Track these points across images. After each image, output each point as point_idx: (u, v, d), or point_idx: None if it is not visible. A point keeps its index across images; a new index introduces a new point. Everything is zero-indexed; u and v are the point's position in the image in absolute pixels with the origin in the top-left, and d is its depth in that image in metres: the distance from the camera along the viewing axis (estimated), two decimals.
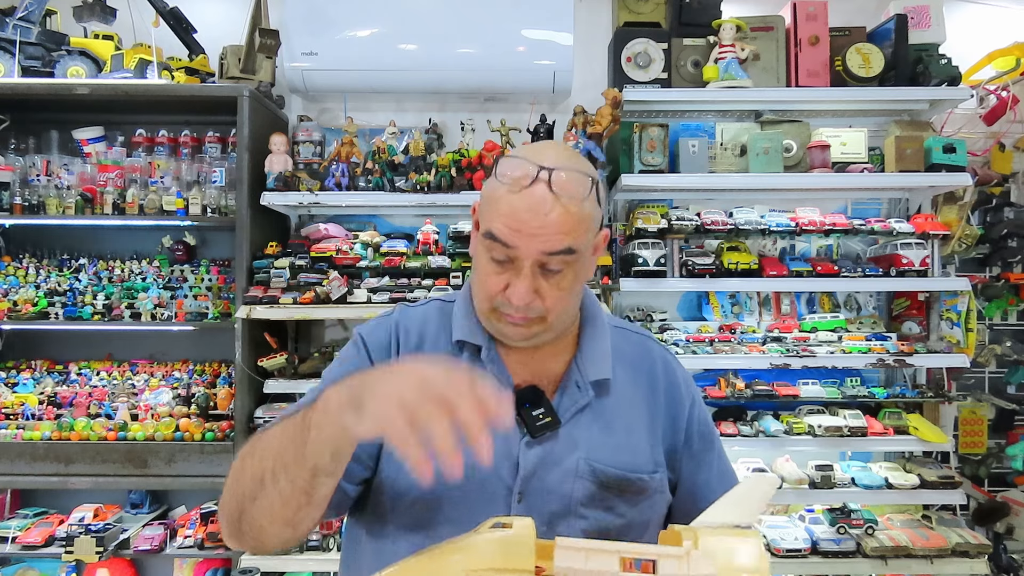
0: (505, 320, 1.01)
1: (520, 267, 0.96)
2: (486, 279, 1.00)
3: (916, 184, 2.77)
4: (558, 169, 0.95)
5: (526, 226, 0.94)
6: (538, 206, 0.94)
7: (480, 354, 1.08)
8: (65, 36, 2.78)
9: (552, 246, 0.95)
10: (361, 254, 2.70)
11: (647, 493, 1.05)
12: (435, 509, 1.01)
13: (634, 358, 1.14)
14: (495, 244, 0.97)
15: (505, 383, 1.06)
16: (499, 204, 0.97)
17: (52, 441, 2.52)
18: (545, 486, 1.01)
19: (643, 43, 2.81)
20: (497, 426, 0.73)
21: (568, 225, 0.95)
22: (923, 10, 2.83)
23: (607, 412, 1.08)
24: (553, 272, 0.98)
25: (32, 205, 2.67)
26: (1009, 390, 3.10)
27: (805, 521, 2.69)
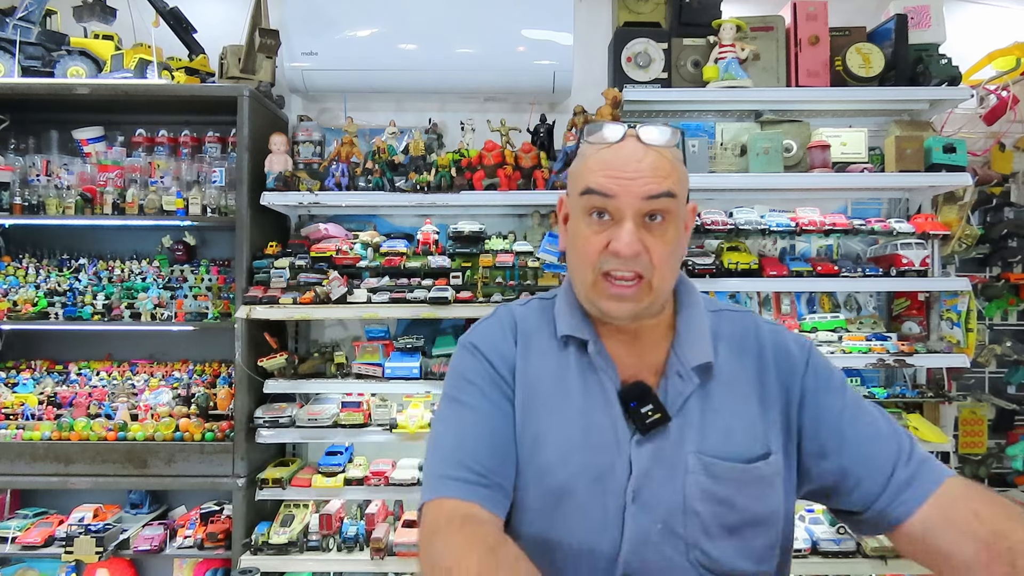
0: (610, 288, 0.99)
1: (622, 216, 0.97)
2: (586, 242, 1.00)
3: (916, 184, 2.77)
4: (643, 125, 0.99)
5: (623, 172, 0.96)
6: (632, 154, 0.97)
7: (587, 348, 1.07)
8: (65, 36, 2.78)
9: (651, 189, 0.96)
10: (361, 254, 2.70)
11: (764, 481, 1.02)
12: (554, 512, 1.01)
13: (738, 336, 1.10)
14: (594, 196, 0.98)
15: (613, 378, 1.05)
16: (591, 162, 0.99)
17: (52, 441, 2.52)
18: (658, 485, 1.00)
19: (643, 43, 2.81)
20: None
21: (664, 169, 0.98)
22: (923, 10, 2.83)
23: (714, 397, 1.05)
24: (656, 223, 0.98)
25: (32, 205, 2.67)
26: (1009, 390, 3.10)
27: (805, 521, 2.68)
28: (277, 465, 2.70)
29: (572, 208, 1.05)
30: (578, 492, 1.00)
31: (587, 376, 1.06)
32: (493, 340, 1.11)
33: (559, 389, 1.06)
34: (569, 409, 1.04)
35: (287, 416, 2.56)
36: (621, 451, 1.01)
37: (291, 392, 2.67)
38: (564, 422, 1.04)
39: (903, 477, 1.00)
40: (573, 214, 1.04)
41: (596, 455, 1.01)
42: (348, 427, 2.56)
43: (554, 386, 1.06)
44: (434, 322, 2.85)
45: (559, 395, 1.06)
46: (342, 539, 2.56)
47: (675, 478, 1.00)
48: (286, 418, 2.55)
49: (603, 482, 1.00)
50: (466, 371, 1.09)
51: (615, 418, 1.03)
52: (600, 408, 1.04)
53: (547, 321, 1.12)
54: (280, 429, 2.55)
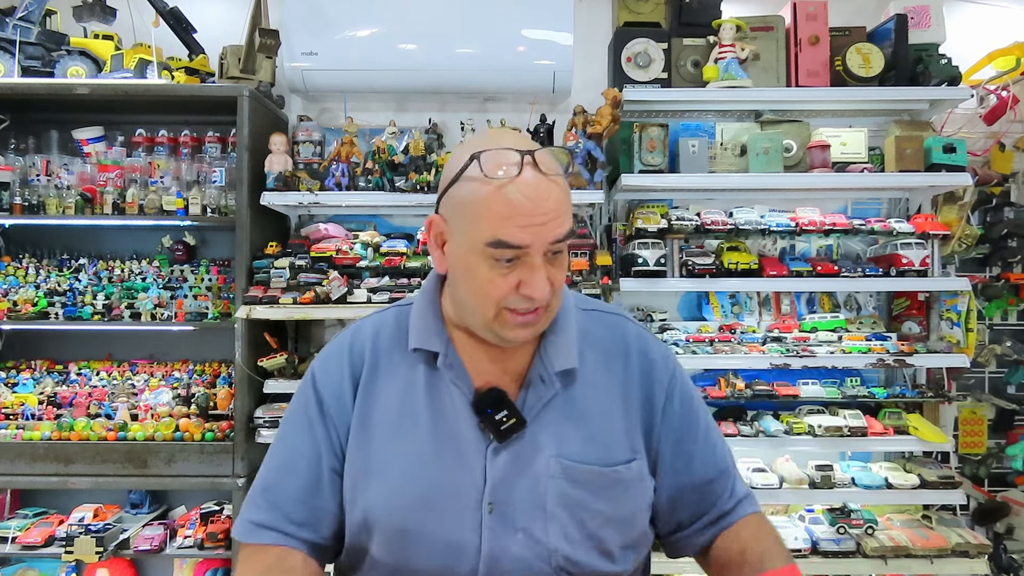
0: (512, 323, 0.96)
1: (532, 261, 0.92)
2: (492, 286, 0.94)
3: (916, 184, 2.77)
4: (536, 150, 0.93)
5: (532, 218, 0.90)
6: (537, 192, 0.90)
7: (436, 361, 1.04)
8: (65, 36, 2.78)
9: (560, 232, 0.93)
10: (361, 254, 2.70)
11: (623, 485, 1.02)
12: (404, 534, 0.99)
13: (606, 340, 1.10)
14: (505, 250, 0.91)
15: (465, 388, 1.03)
16: (493, 204, 0.90)
17: (52, 441, 2.52)
18: (517, 492, 0.98)
19: (643, 43, 2.81)
20: None
21: (565, 204, 0.94)
22: (923, 10, 2.83)
23: (576, 402, 1.04)
24: (556, 255, 0.95)
25: (32, 205, 2.67)
26: (1009, 390, 3.10)
27: (805, 521, 2.69)
28: None
29: (465, 244, 0.94)
30: (432, 512, 0.98)
31: (437, 390, 1.03)
32: (329, 371, 1.08)
33: (405, 410, 1.03)
34: (415, 429, 1.02)
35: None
36: (476, 463, 0.99)
37: (291, 392, 2.65)
38: (410, 443, 1.01)
39: (716, 514, 1.09)
40: (467, 251, 0.94)
41: (448, 471, 0.99)
42: None
43: (400, 407, 1.03)
44: None
45: (404, 417, 1.03)
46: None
47: (535, 484, 0.98)
48: None
49: (458, 497, 0.98)
50: (301, 398, 1.10)
51: (468, 428, 1.00)
52: (451, 420, 1.01)
53: (401, 333, 1.08)
54: None
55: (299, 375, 2.65)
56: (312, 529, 1.03)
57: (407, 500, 0.99)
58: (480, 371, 1.05)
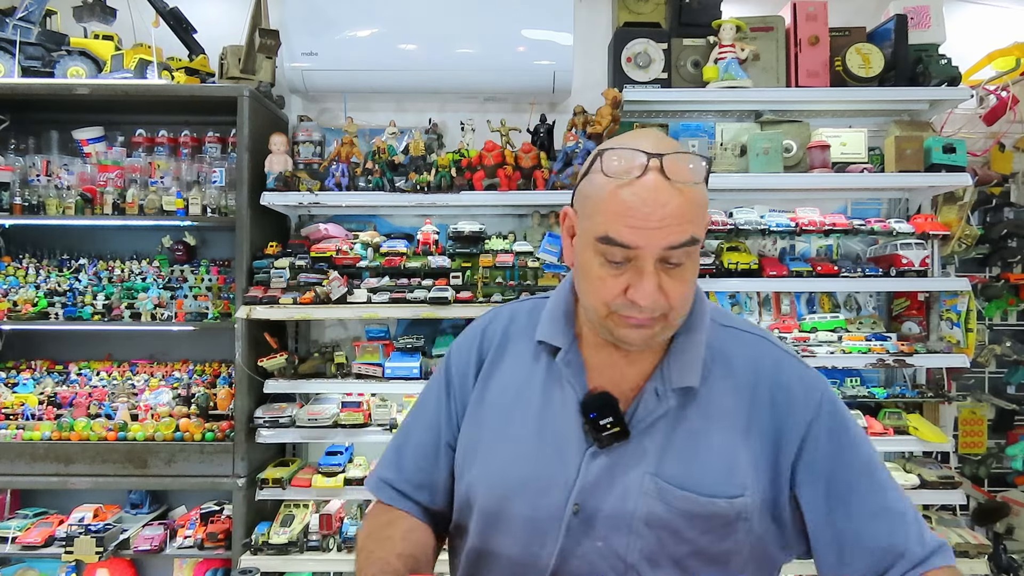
0: (625, 323, 0.93)
1: (643, 266, 0.89)
2: (601, 285, 0.92)
3: (916, 184, 2.77)
4: (668, 154, 0.88)
5: (646, 221, 0.87)
6: (655, 197, 0.87)
7: (557, 356, 1.04)
8: (65, 36, 2.78)
9: (675, 239, 0.88)
10: (361, 254, 2.70)
11: (721, 519, 0.94)
12: (498, 515, 1.00)
13: (741, 363, 1.02)
14: (612, 248, 0.89)
15: (579, 387, 1.01)
16: (609, 202, 0.89)
17: (52, 441, 2.52)
18: (606, 501, 0.96)
19: (643, 43, 2.81)
20: None
21: (689, 214, 0.88)
22: (923, 10, 2.83)
23: (691, 423, 0.98)
24: (675, 265, 0.90)
25: (32, 205, 2.67)
26: (1009, 390, 3.10)
27: None
28: (277, 465, 2.71)
29: (583, 238, 0.95)
30: (522, 501, 0.98)
31: (552, 384, 1.04)
32: (461, 350, 1.15)
33: (520, 397, 1.05)
34: (524, 418, 1.03)
35: (287, 416, 2.56)
36: (571, 462, 0.98)
37: (291, 392, 2.67)
38: (517, 431, 1.03)
39: (907, 566, 0.94)
40: (584, 245, 0.95)
41: (545, 464, 0.99)
42: (348, 427, 2.56)
43: (515, 395, 1.05)
44: (434, 322, 2.85)
45: (517, 404, 1.04)
46: (342, 539, 2.56)
47: (625, 497, 0.95)
48: (286, 418, 2.55)
49: (548, 491, 0.97)
50: (438, 370, 1.17)
51: (573, 428, 1.00)
52: (559, 417, 1.01)
53: (533, 324, 1.09)
54: (280, 429, 2.55)
55: (299, 375, 2.66)
56: (429, 493, 1.11)
57: (504, 484, 1.01)
58: (599, 373, 1.03)
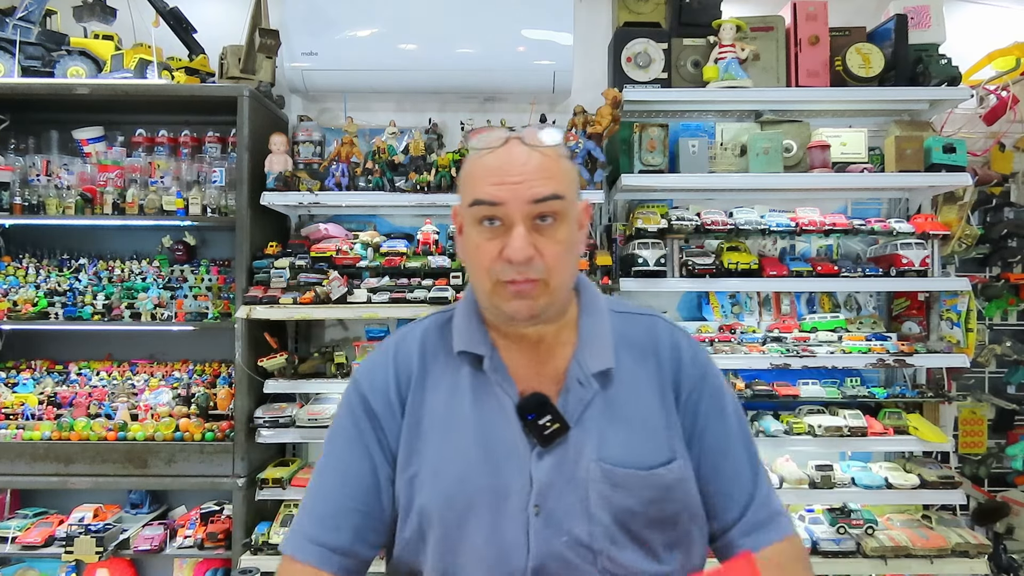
0: (508, 294, 0.98)
1: (511, 222, 0.96)
2: (479, 251, 0.99)
3: (916, 184, 2.77)
4: (526, 127, 1.00)
5: (508, 177, 0.95)
6: (516, 158, 0.97)
7: (482, 364, 1.06)
8: (65, 36, 2.78)
9: (538, 192, 0.96)
10: (361, 254, 2.70)
11: (664, 487, 1.01)
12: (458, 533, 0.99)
13: (641, 340, 1.10)
14: (483, 207, 0.97)
15: (510, 391, 1.04)
16: (476, 170, 0.99)
17: (52, 441, 2.52)
18: (563, 496, 0.99)
19: (643, 43, 2.81)
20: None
21: (550, 170, 0.97)
22: (923, 10, 2.83)
23: (616, 404, 1.04)
24: (546, 225, 0.97)
25: (32, 205, 2.67)
26: (1009, 390, 3.10)
27: (805, 521, 2.68)
28: (277, 465, 2.70)
29: (464, 218, 1.03)
30: (482, 515, 0.98)
31: (482, 393, 1.05)
32: (375, 380, 1.09)
33: (453, 414, 1.04)
34: (464, 433, 1.03)
35: (287, 416, 2.55)
36: (522, 467, 0.99)
37: (291, 392, 2.67)
38: (460, 447, 1.02)
39: (756, 519, 1.06)
40: (466, 224, 1.02)
41: (495, 475, 1.00)
42: None
43: (447, 411, 1.05)
44: None
45: (453, 421, 1.04)
46: None
47: (578, 488, 0.98)
48: (286, 418, 2.55)
49: (506, 501, 0.98)
50: (344, 420, 1.09)
51: (514, 433, 1.01)
52: (498, 425, 1.02)
53: (445, 339, 1.10)
54: (280, 429, 2.55)
55: (299, 375, 2.65)
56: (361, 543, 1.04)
57: (460, 503, 1.00)
58: (521, 375, 1.06)
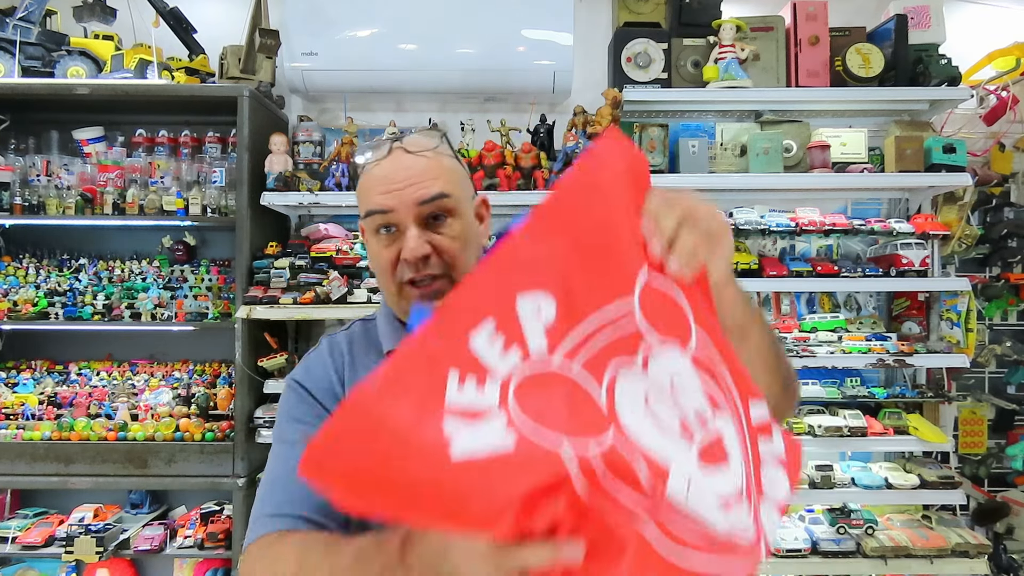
0: (413, 293, 1.02)
1: (405, 226, 1.01)
2: (379, 257, 1.04)
3: (916, 184, 2.77)
4: (406, 135, 1.04)
5: (393, 184, 1.00)
6: (398, 164, 1.02)
7: None
8: (65, 36, 2.78)
9: (423, 193, 1.00)
10: (361, 254, 2.70)
11: None
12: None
13: None
14: (375, 216, 1.02)
15: None
16: (367, 182, 1.04)
17: (52, 441, 2.52)
18: None
19: (643, 43, 2.81)
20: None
21: (433, 172, 1.02)
22: (923, 10, 2.83)
23: None
24: (440, 223, 1.02)
25: (32, 205, 2.67)
26: (1009, 390, 3.10)
27: (805, 521, 2.69)
28: None
29: (364, 230, 1.08)
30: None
31: None
32: (314, 372, 1.11)
33: None
34: None
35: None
36: None
37: None
38: None
39: None
40: (367, 235, 1.08)
41: None
42: None
43: None
44: None
45: None
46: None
47: None
48: None
49: None
50: (290, 409, 1.10)
51: None
52: None
53: (371, 340, 1.14)
54: None
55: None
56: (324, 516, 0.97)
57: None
58: None
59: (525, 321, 0.62)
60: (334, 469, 0.59)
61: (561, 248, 0.66)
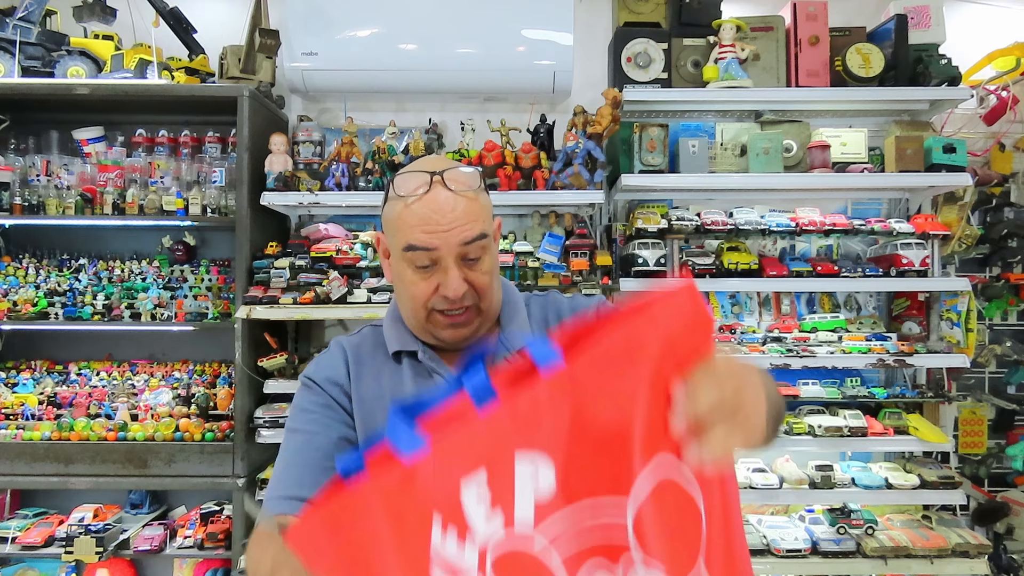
0: (444, 323, 1.08)
1: (446, 265, 1.05)
2: (414, 289, 1.07)
3: (916, 184, 2.77)
4: (446, 170, 1.06)
5: (439, 226, 1.03)
6: (444, 205, 1.04)
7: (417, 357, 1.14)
8: (65, 36, 2.78)
9: (467, 235, 1.04)
10: (361, 254, 2.70)
11: None
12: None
13: (545, 312, 1.22)
14: (417, 253, 1.04)
15: (446, 375, 1.12)
16: (407, 216, 1.05)
17: (52, 441, 2.52)
18: None
19: (643, 43, 2.81)
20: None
21: (474, 213, 1.06)
22: (923, 10, 2.83)
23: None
24: (474, 260, 1.07)
25: (32, 205, 2.67)
26: (1009, 390, 3.10)
27: (805, 521, 2.68)
28: None
29: (394, 254, 1.11)
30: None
31: (421, 378, 1.14)
32: (325, 370, 1.18)
33: (396, 392, 1.13)
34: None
35: (287, 416, 2.55)
36: None
37: (291, 392, 2.65)
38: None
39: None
40: (396, 260, 1.10)
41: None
42: None
43: (391, 392, 1.13)
44: None
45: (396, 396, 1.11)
46: None
47: None
48: (286, 418, 2.54)
49: None
50: (300, 401, 1.18)
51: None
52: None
53: (379, 344, 1.19)
54: (280, 429, 2.55)
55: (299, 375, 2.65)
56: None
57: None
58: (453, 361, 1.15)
59: (519, 481, 0.62)
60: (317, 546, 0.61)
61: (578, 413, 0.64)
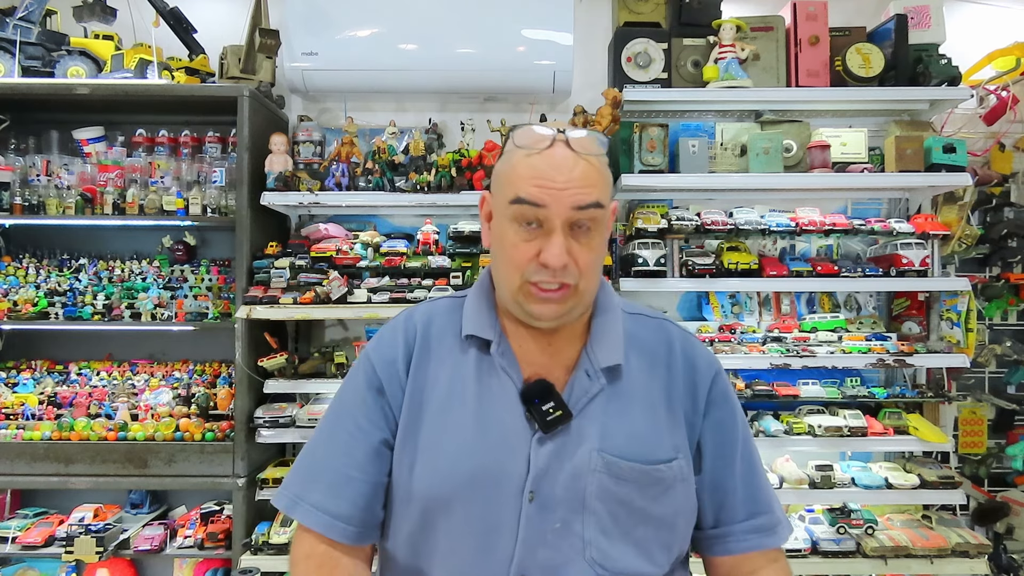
0: (537, 295, 0.99)
1: (552, 227, 0.96)
2: (514, 250, 0.99)
3: (916, 184, 2.76)
4: (573, 131, 0.99)
5: (553, 182, 0.95)
6: (562, 163, 0.97)
7: (489, 349, 1.07)
8: (65, 36, 2.78)
9: (581, 199, 0.96)
10: (361, 254, 2.70)
11: (665, 484, 1.02)
12: (445, 511, 1.00)
13: (651, 343, 1.12)
14: (524, 207, 0.96)
15: (515, 376, 1.05)
16: (521, 168, 0.98)
17: (52, 441, 2.52)
18: (559, 483, 0.99)
19: (643, 43, 2.81)
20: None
21: (593, 178, 0.98)
22: (923, 10, 2.83)
23: (621, 399, 1.05)
24: (582, 231, 0.98)
25: (32, 205, 2.67)
26: (1009, 390, 3.10)
27: (805, 521, 2.68)
28: (277, 465, 2.70)
29: (498, 211, 1.03)
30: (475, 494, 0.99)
31: (487, 376, 1.06)
32: (386, 348, 1.11)
33: (455, 392, 1.05)
34: (462, 411, 1.04)
35: (287, 416, 2.56)
36: (519, 451, 1.00)
37: (291, 392, 2.67)
38: (457, 425, 1.03)
39: (758, 524, 1.09)
40: (499, 217, 1.03)
41: (491, 457, 1.00)
42: None
43: (449, 389, 1.06)
44: None
45: (454, 398, 1.05)
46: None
47: (577, 476, 0.99)
48: (286, 418, 2.55)
49: (501, 482, 0.99)
50: (356, 380, 1.11)
51: (515, 417, 1.02)
52: (500, 407, 1.03)
53: (455, 321, 1.11)
54: (280, 429, 2.55)
55: (299, 375, 2.66)
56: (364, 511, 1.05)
57: (452, 480, 1.00)
58: (529, 361, 1.07)
59: None
60: None
61: None
